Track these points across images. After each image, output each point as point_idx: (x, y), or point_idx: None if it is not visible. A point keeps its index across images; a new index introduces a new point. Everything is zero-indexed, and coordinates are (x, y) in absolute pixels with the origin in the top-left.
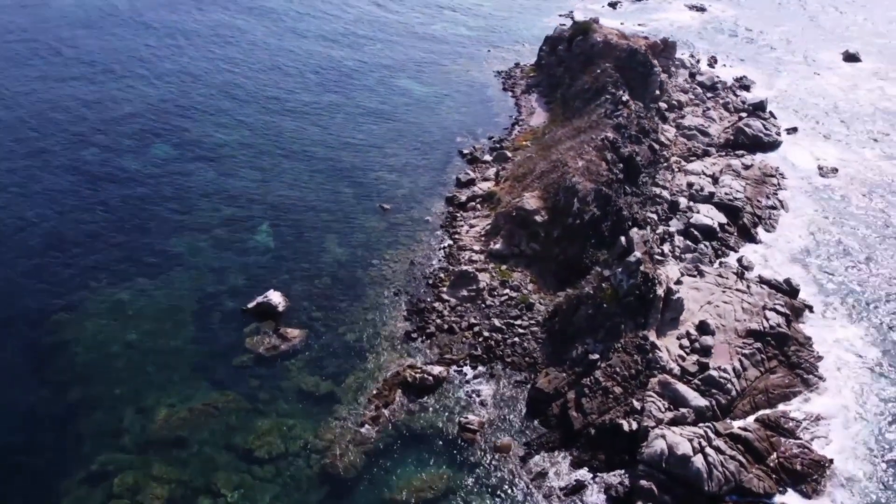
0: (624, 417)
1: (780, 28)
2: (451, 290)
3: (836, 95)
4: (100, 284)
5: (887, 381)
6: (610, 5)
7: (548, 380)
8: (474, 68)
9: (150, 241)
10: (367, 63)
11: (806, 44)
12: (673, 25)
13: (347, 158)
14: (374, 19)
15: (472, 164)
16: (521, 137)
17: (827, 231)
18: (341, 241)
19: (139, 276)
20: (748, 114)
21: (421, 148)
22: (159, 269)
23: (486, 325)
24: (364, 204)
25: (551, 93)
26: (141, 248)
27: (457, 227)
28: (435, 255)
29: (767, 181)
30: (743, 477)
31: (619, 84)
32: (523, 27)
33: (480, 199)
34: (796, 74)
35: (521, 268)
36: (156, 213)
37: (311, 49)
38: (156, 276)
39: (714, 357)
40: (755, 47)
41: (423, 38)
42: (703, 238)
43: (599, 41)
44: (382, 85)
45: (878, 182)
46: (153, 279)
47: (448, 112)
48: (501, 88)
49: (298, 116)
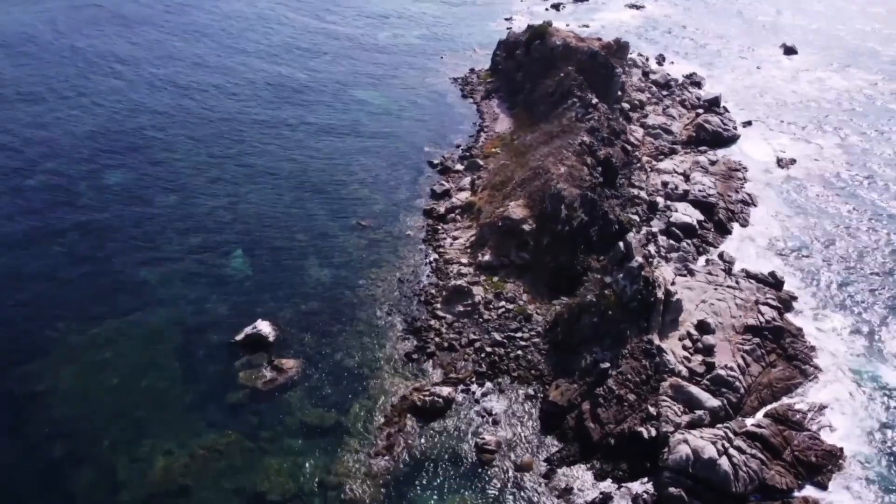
0: (641, 424)
1: (717, 25)
2: (445, 306)
3: (781, 88)
4: (68, 327)
5: (879, 365)
6: (553, 7)
7: (560, 392)
8: (430, 76)
9: (117, 275)
10: (319, 76)
11: (743, 39)
12: (615, 25)
13: (315, 175)
14: (317, 32)
15: (444, 175)
16: (490, 144)
17: (796, 222)
18: (323, 263)
19: (110, 315)
20: (705, 110)
21: (389, 160)
22: (131, 306)
23: (487, 340)
24: (340, 222)
25: (512, 98)
26: (108, 284)
27: (440, 240)
28: (422, 270)
29: (734, 176)
30: (765, 475)
31: (584, 87)
32: (471, 32)
33: (460, 210)
34: (740, 69)
35: (513, 278)
36: (118, 244)
37: (257, 66)
38: (129, 314)
39: (717, 355)
40: (697, 44)
41: (372, 48)
42: (684, 236)
43: (559, 44)
44: (339, 98)
45: (834, 171)
46: (126, 317)
47: (411, 122)
48: (461, 95)
49: (256, 135)
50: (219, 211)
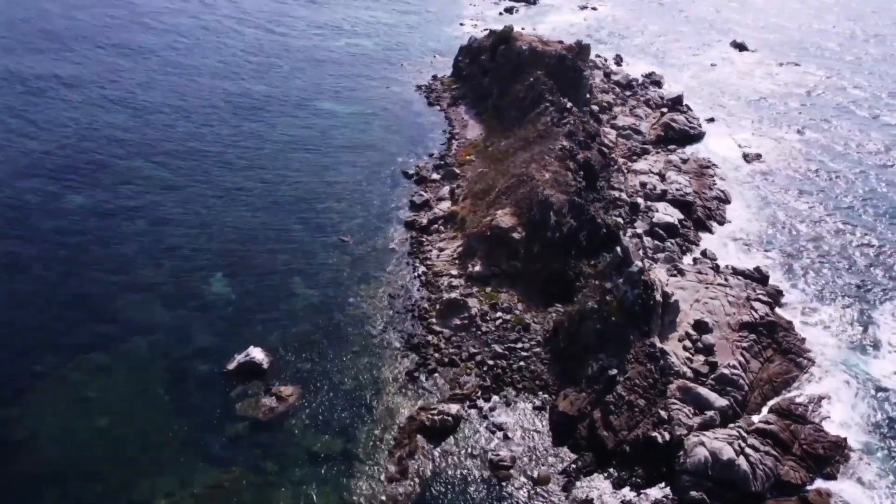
0: (654, 429)
1: (666, 25)
2: (441, 320)
3: (737, 83)
4: (45, 366)
5: (867, 354)
6: (506, 11)
7: (569, 402)
8: (393, 84)
9: (91, 308)
10: (279, 89)
11: (693, 38)
12: (567, 27)
13: (289, 191)
14: (270, 45)
15: (421, 185)
16: (463, 152)
17: (771, 217)
18: (308, 283)
19: (90, 351)
20: (669, 109)
21: (363, 172)
22: (111, 340)
23: (488, 353)
24: (321, 239)
25: (480, 104)
26: (83, 319)
27: (426, 252)
28: (412, 284)
29: (705, 173)
30: (780, 471)
31: (554, 91)
32: (427, 39)
33: (442, 220)
34: (695, 67)
35: (506, 288)
36: (88, 274)
37: (212, 82)
38: (109, 349)
39: (717, 354)
40: (649, 44)
41: (330, 58)
42: (667, 236)
43: (525, 49)
44: (303, 110)
45: (799, 164)
46: (107, 352)
47: (380, 132)
48: (427, 103)
49: (222, 152)
50: (192, 233)
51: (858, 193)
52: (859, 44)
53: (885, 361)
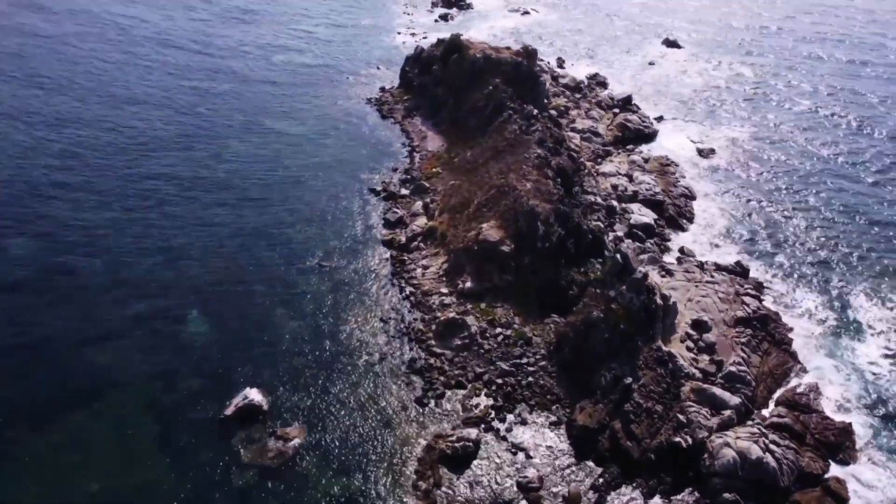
0: (675, 434)
1: (601, 26)
2: (440, 341)
3: (676, 81)
4: (20, 432)
5: (851, 338)
6: (441, 18)
7: (587, 414)
8: (341, 98)
9: (58, 364)
10: (223, 111)
11: (627, 38)
12: (504, 32)
13: (254, 217)
14: (203, 66)
15: (390, 201)
16: (428, 164)
17: (737, 210)
18: (293, 314)
19: (67, 410)
20: (620, 109)
21: (328, 192)
22: (88, 395)
23: (495, 372)
24: (297, 265)
25: (436, 114)
26: (50, 377)
27: (409, 271)
28: (402, 306)
29: (667, 171)
30: (801, 462)
31: (514, 98)
32: (367, 50)
33: (421, 237)
34: (635, 66)
35: (500, 302)
36: (49, 325)
37: (146, 110)
38: (88, 405)
39: (719, 352)
40: (588, 45)
41: (270, 76)
42: (646, 237)
43: (479, 57)
44: (252, 131)
45: (752, 156)
46: (86, 409)
47: (337, 149)
48: (380, 116)
49: (174, 180)
50: (157, 271)
51: (811, 181)
52: (785, 40)
53: (867, 344)
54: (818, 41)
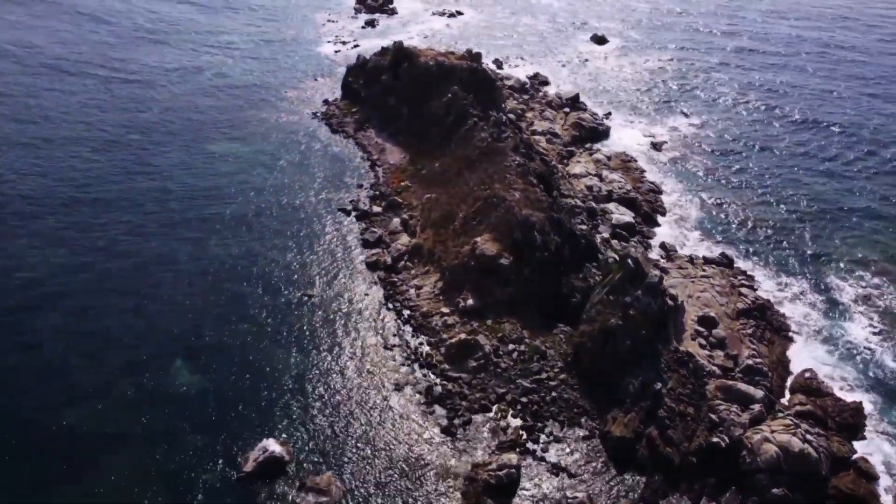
0: (711, 435)
1: (529, 25)
2: (454, 364)
3: (613, 76)
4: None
5: (840, 319)
6: (367, 24)
7: (621, 425)
8: (284, 114)
9: (36, 436)
10: (156, 136)
11: (557, 35)
12: (434, 35)
13: (220, 251)
14: (122, 92)
15: (364, 220)
16: (395, 178)
17: (704, 201)
18: (288, 352)
19: (54, 489)
20: (570, 108)
21: (295, 215)
22: (76, 468)
23: (517, 391)
24: (281, 300)
25: (390, 125)
26: (31, 450)
27: (402, 293)
28: (404, 331)
29: (630, 167)
30: (833, 448)
31: (475, 105)
32: (298, 61)
33: (407, 255)
34: (570, 63)
35: (504, 317)
36: (18, 394)
37: (69, 145)
38: (78, 479)
39: (729, 346)
40: (520, 45)
41: (201, 96)
42: (629, 236)
43: (433, 64)
44: (196, 157)
45: (703, 145)
46: (78, 484)
47: (293, 168)
48: (330, 130)
49: (121, 219)
50: (125, 319)
51: (763, 168)
52: (709, 32)
53: (855, 324)
54: (740, 33)
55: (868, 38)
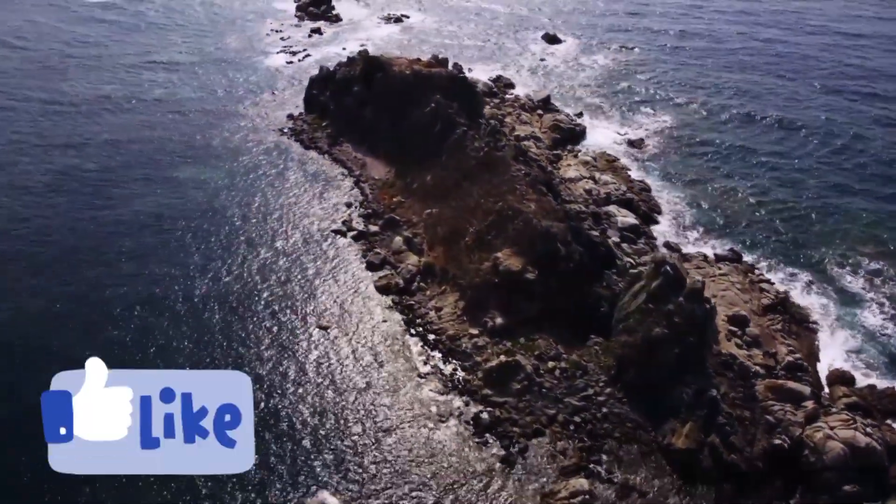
0: (772, 437)
1: (480, 26)
2: (494, 389)
3: (572, 74)
4: None
5: (854, 306)
6: (314, 32)
7: (682, 436)
8: (247, 132)
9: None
10: (115, 163)
11: (509, 35)
12: (386, 40)
13: (215, 289)
14: (63, 123)
15: (362, 241)
16: (384, 194)
17: (694, 196)
18: (317, 392)
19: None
20: (542, 110)
21: (285, 242)
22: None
23: (566, 410)
24: (294, 334)
25: (368, 138)
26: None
27: (422, 316)
28: (432, 356)
29: (616, 167)
30: (888, 438)
31: (461, 114)
32: (248, 74)
33: (420, 276)
34: (528, 63)
35: (535, 334)
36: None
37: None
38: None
39: (764, 344)
40: (476, 47)
41: (156, 113)
42: (636, 238)
43: (409, 73)
44: (160, 184)
45: (677, 141)
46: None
47: (271, 190)
48: (303, 147)
49: (95, 256)
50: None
51: (741, 159)
52: (660, 30)
53: (866, 310)
54: (695, 32)
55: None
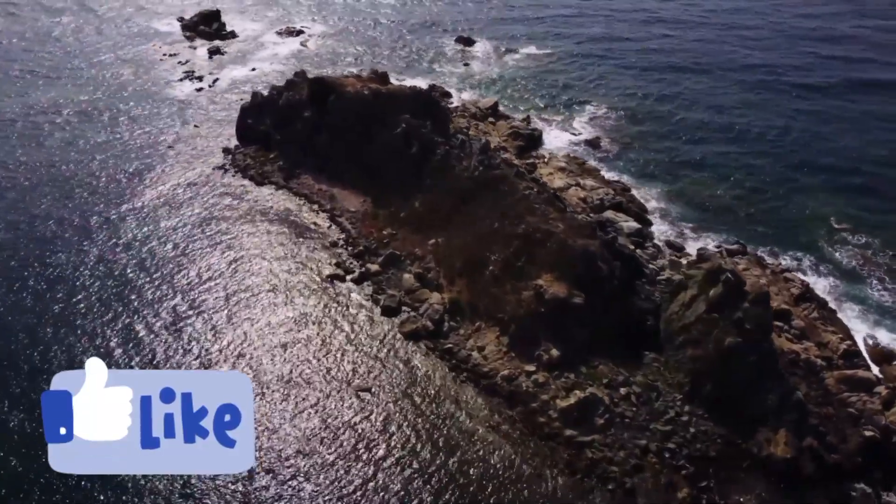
0: (858, 429)
1: (391, 35)
2: (577, 428)
3: (505, 76)
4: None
5: (863, 285)
6: (213, 53)
7: (781, 444)
8: (182, 170)
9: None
10: (36, 233)
11: (420, 41)
12: (294, 56)
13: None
14: None
15: (365, 283)
16: (369, 227)
17: (671, 192)
18: (389, 476)
19: None
20: (493, 117)
21: (282, 295)
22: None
23: (655, 438)
24: (338, 403)
25: (329, 168)
26: None
27: (466, 359)
28: (492, 402)
29: (587, 169)
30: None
31: (435, 132)
32: (161, 107)
33: (448, 314)
34: (453, 69)
35: (592, 360)
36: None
37: None
38: None
39: (810, 335)
40: (386, 56)
41: (64, 165)
42: (643, 242)
43: (368, 94)
44: (106, 248)
45: (628, 134)
46: None
47: (239, 239)
48: (254, 183)
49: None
50: None
51: (699, 147)
52: (574, 22)
53: (873, 288)
54: (592, 21)
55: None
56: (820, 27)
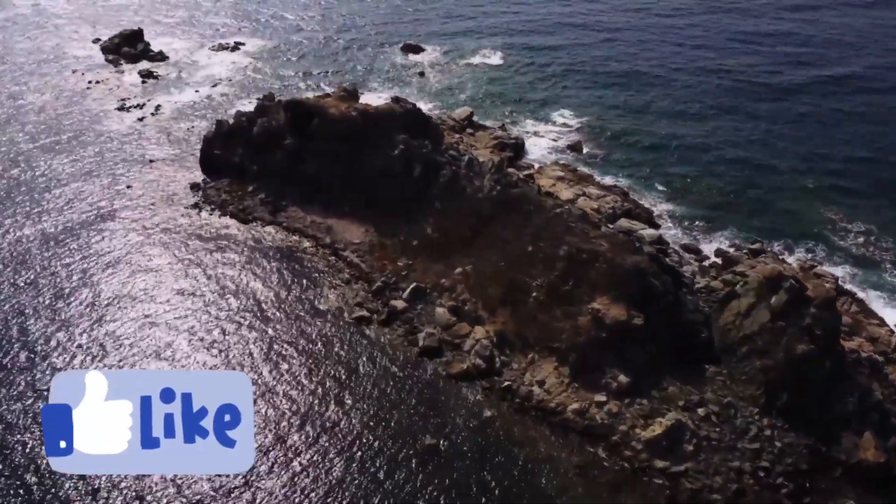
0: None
1: (321, 45)
2: (667, 457)
3: (465, 83)
4: None
5: (878, 270)
6: (145, 77)
7: (867, 449)
8: (150, 213)
9: None
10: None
11: (364, 52)
12: (238, 73)
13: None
14: None
15: (394, 324)
16: (382, 260)
17: (667, 192)
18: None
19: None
20: (471, 128)
21: (309, 347)
22: None
23: (745, 458)
24: (404, 466)
25: (318, 197)
26: None
27: (528, 397)
28: (569, 442)
29: (580, 175)
30: None
31: (432, 151)
32: (103, 143)
33: (497, 350)
34: (409, 79)
35: (662, 382)
36: None
37: None
38: None
39: (857, 330)
40: (341, 70)
41: (15, 221)
42: (666, 249)
43: (355, 115)
44: (92, 335)
45: (607, 136)
46: None
47: (237, 286)
48: (238, 221)
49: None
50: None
51: (680, 143)
52: (520, 21)
53: (888, 272)
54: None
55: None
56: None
